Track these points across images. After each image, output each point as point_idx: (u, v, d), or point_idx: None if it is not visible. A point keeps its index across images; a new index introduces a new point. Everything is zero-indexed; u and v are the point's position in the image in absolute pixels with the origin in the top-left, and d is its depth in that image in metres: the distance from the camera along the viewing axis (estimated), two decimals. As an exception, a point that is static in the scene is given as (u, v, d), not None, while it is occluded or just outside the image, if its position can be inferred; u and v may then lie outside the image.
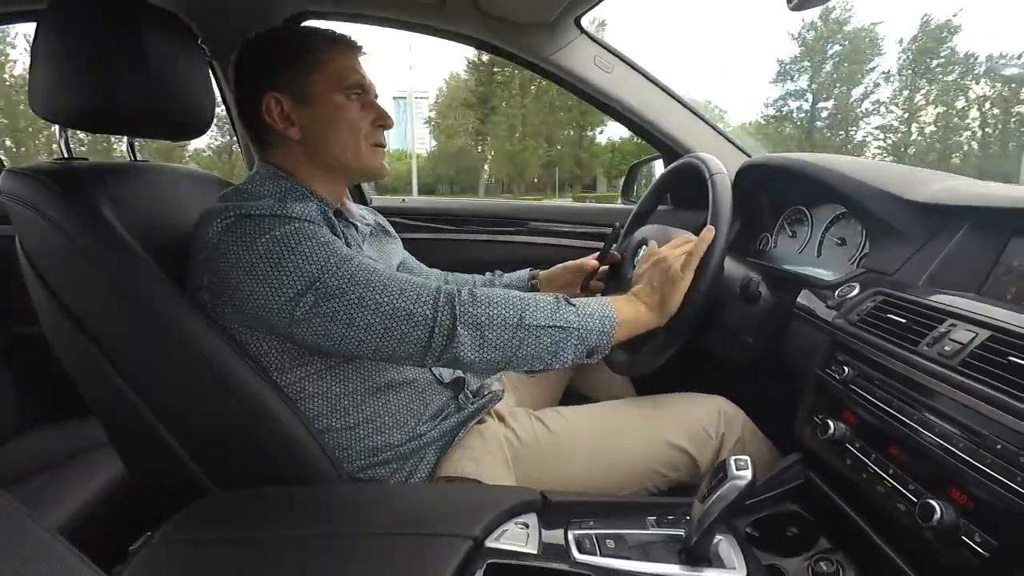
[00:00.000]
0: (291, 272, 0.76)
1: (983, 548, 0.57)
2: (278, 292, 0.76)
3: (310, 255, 0.77)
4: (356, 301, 0.77)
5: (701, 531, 0.65)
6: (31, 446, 1.34)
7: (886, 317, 0.79)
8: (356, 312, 0.77)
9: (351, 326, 0.77)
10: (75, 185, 0.80)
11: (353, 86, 0.92)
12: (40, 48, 0.83)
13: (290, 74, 0.89)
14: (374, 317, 0.77)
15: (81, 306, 0.80)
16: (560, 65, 1.50)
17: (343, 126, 0.91)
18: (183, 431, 0.83)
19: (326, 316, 0.77)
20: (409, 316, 0.78)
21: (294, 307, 0.77)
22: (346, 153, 0.93)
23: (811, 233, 1.21)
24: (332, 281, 0.77)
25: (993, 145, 37.82)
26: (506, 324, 0.80)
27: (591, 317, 0.85)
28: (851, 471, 0.77)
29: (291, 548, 0.67)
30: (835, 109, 41.30)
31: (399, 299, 0.78)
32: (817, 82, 40.99)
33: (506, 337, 0.80)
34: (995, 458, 0.57)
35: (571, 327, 0.83)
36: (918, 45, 38.07)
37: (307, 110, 0.90)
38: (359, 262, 0.80)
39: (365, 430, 0.90)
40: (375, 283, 0.79)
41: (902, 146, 40.12)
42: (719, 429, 1.04)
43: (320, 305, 0.77)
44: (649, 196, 1.28)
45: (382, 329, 0.78)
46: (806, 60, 41.02)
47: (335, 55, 0.91)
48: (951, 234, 0.86)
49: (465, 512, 0.72)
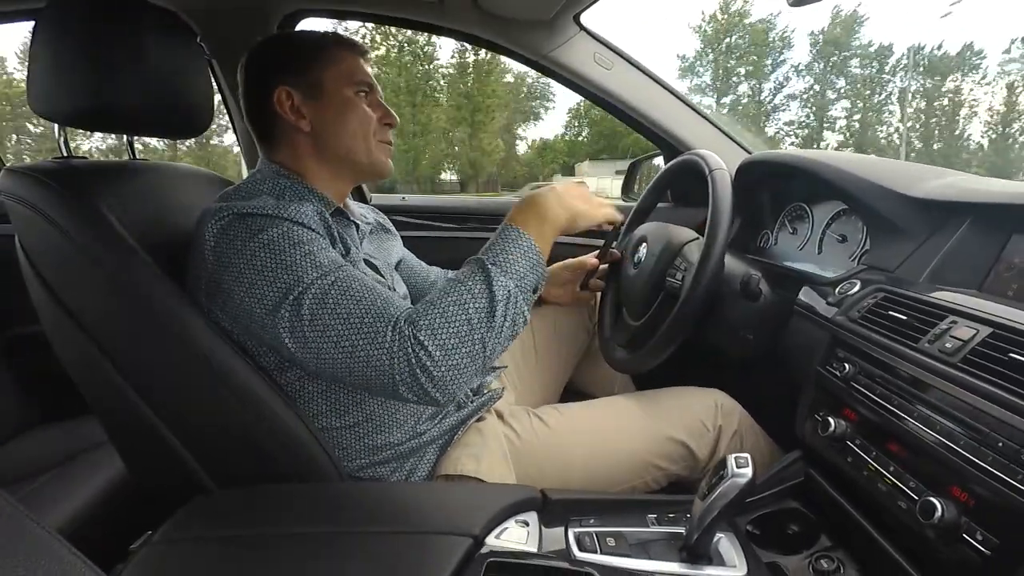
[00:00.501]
0: (271, 281, 0.74)
1: (984, 546, 0.57)
2: (259, 302, 0.75)
3: (291, 265, 0.75)
4: (332, 308, 0.74)
5: (702, 529, 0.65)
6: (31, 446, 1.34)
7: (887, 314, 0.79)
8: (331, 321, 0.74)
9: (324, 336, 0.74)
10: (75, 184, 0.80)
11: (361, 84, 0.93)
12: (39, 47, 0.83)
13: (302, 68, 0.90)
14: (344, 329, 0.73)
15: (81, 305, 0.80)
16: (559, 62, 1.49)
17: (353, 119, 0.92)
18: (183, 430, 0.82)
19: (305, 323, 0.74)
20: (370, 328, 0.73)
21: (274, 318, 0.74)
22: (356, 146, 0.93)
23: (812, 230, 1.21)
24: (308, 292, 0.74)
25: (918, 140, 37.18)
26: (461, 336, 0.74)
27: (518, 263, 0.80)
28: (852, 468, 0.77)
29: (292, 546, 0.67)
30: (741, 104, 40.76)
31: (366, 313, 0.74)
32: (719, 77, 40.45)
33: (471, 349, 0.74)
34: (996, 455, 0.57)
35: (511, 290, 0.77)
36: (825, 36, 37.44)
37: (318, 103, 0.90)
38: (336, 277, 0.76)
39: (365, 429, 0.90)
40: (352, 292, 0.75)
41: (814, 142, 39.41)
42: (716, 422, 1.05)
43: (298, 312, 0.74)
44: (649, 193, 1.27)
45: (349, 345, 0.73)
46: (708, 54, 40.54)
47: (345, 54, 0.93)
48: (952, 231, 0.86)
49: (465, 510, 0.72)
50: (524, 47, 1.49)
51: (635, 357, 0.99)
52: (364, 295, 0.75)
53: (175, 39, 0.93)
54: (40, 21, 0.83)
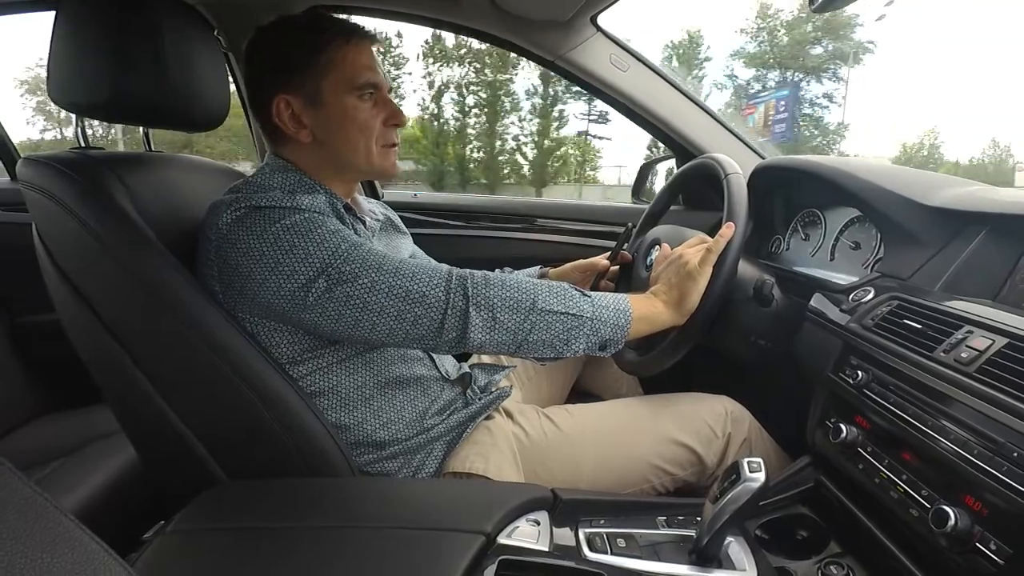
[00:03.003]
0: (303, 258, 0.77)
1: (998, 556, 0.57)
2: (290, 278, 0.77)
3: (321, 242, 0.78)
4: (369, 285, 0.78)
5: (712, 532, 0.65)
6: (44, 433, 1.35)
7: (902, 322, 0.79)
8: (370, 295, 0.78)
9: (365, 309, 0.78)
10: (91, 174, 0.81)
11: (365, 86, 0.90)
12: (58, 38, 0.84)
13: (302, 76, 0.87)
14: (387, 300, 0.78)
15: (96, 294, 0.80)
16: (575, 63, 1.49)
17: (354, 129, 0.90)
18: (195, 420, 0.83)
19: (340, 300, 0.77)
20: (422, 298, 0.78)
21: (306, 293, 0.77)
22: (357, 155, 0.92)
23: (824, 236, 1.20)
24: (345, 266, 0.78)
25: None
26: (519, 307, 0.80)
27: (606, 309, 0.85)
28: (863, 475, 0.76)
29: (304, 539, 0.67)
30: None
31: (412, 281, 0.79)
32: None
33: (518, 320, 0.80)
34: (1011, 465, 0.57)
35: (584, 316, 0.83)
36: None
37: (318, 112, 0.89)
38: (370, 248, 0.81)
39: (372, 425, 0.90)
40: (387, 267, 0.79)
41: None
42: (726, 429, 1.05)
43: (333, 290, 0.77)
44: (662, 196, 1.27)
45: (395, 311, 0.78)
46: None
47: (348, 53, 0.88)
48: (968, 240, 0.86)
49: (477, 508, 0.72)
50: (540, 47, 1.48)
51: (645, 359, 0.99)
52: (403, 262, 0.81)
53: (192, 32, 0.93)
54: (60, 12, 0.84)
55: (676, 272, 0.91)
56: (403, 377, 0.93)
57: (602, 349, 0.86)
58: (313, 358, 0.86)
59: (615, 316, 0.85)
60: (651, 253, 1.14)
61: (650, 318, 0.89)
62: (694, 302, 0.89)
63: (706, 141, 1.54)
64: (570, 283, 1.25)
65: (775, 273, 1.00)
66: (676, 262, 0.93)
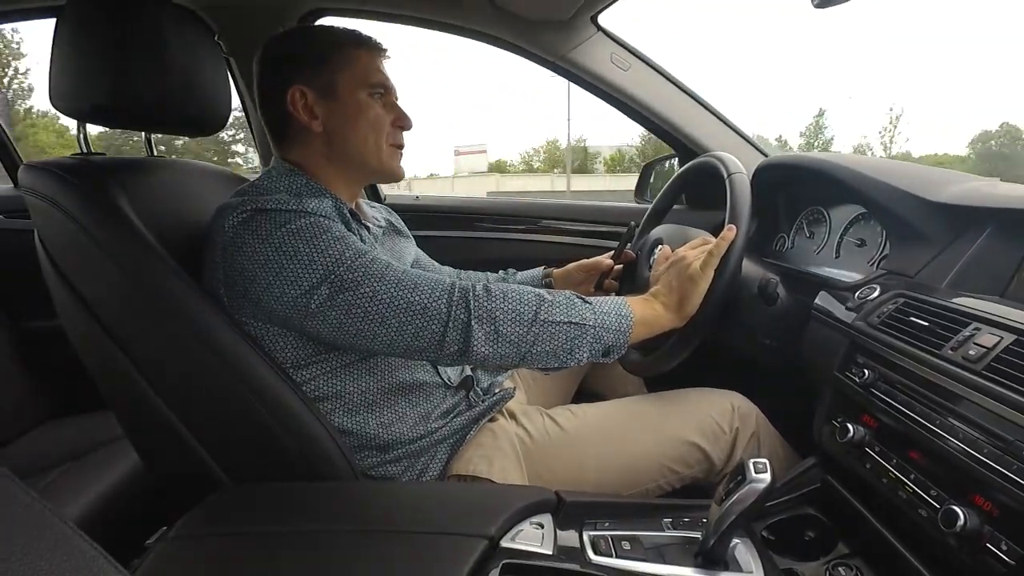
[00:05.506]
0: (306, 264, 0.77)
1: (1009, 556, 0.56)
2: (293, 284, 0.77)
3: (325, 248, 0.78)
4: (370, 294, 0.77)
5: (718, 534, 0.65)
6: (45, 440, 1.36)
7: (908, 320, 0.78)
8: (371, 305, 0.77)
9: (366, 319, 0.77)
10: (94, 179, 0.81)
11: (377, 85, 0.93)
12: (59, 44, 0.84)
13: (317, 68, 0.90)
14: (388, 311, 0.77)
15: (98, 299, 0.80)
16: (576, 63, 1.48)
17: (365, 123, 0.92)
18: (199, 425, 0.83)
19: (341, 308, 0.77)
20: (424, 310, 0.78)
21: (309, 299, 0.77)
22: (366, 150, 0.93)
23: (829, 234, 1.19)
24: (347, 274, 0.77)
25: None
26: (521, 319, 0.80)
27: (607, 315, 0.84)
28: (871, 475, 0.76)
29: (308, 544, 0.67)
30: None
31: (414, 293, 0.78)
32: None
33: (521, 332, 0.80)
34: (1021, 464, 0.56)
35: (587, 324, 0.82)
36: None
37: (331, 104, 0.90)
38: (374, 256, 0.81)
39: (376, 429, 0.90)
40: (390, 277, 0.79)
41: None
42: (733, 424, 1.04)
43: (335, 297, 0.77)
44: (665, 195, 1.27)
45: (396, 323, 0.78)
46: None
47: (361, 54, 0.92)
48: (974, 236, 0.85)
49: (480, 511, 0.72)
50: (541, 47, 1.48)
51: (649, 360, 0.98)
52: (405, 272, 0.81)
53: (193, 37, 0.93)
54: (61, 18, 0.84)
55: (677, 275, 0.91)
56: (407, 382, 0.93)
57: (605, 355, 0.85)
58: (317, 363, 0.86)
59: (617, 322, 0.84)
60: (654, 252, 1.14)
61: (649, 322, 0.88)
62: (694, 305, 0.88)
63: (708, 139, 1.53)
64: (574, 283, 1.26)
65: (780, 271, 0.99)
66: (677, 264, 0.92)
